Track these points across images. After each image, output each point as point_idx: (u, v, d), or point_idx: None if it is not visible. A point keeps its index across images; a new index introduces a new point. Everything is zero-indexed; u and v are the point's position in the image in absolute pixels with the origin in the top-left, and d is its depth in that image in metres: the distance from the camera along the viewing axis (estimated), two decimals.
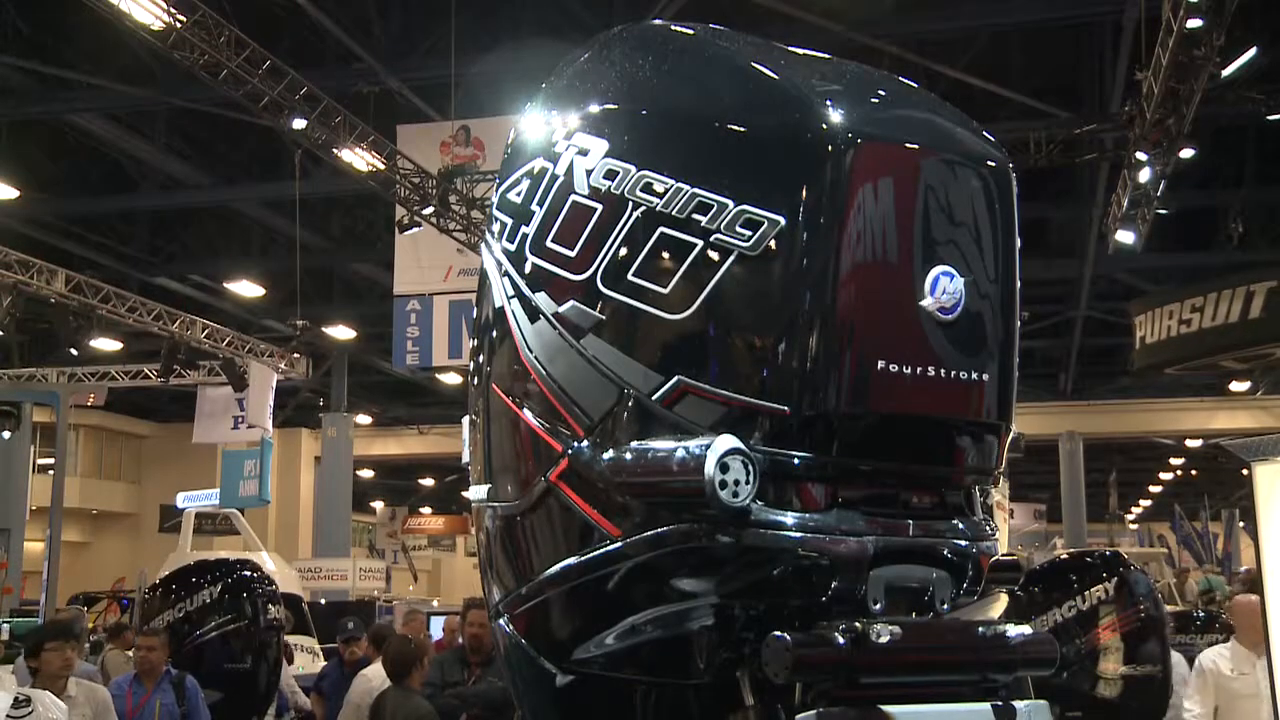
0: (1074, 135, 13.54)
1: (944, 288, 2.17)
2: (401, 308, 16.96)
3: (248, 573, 10.11)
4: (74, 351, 18.38)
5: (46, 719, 5.42)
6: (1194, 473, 36.16)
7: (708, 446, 2.02)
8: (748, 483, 2.01)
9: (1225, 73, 11.06)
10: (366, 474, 35.42)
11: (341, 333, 22.61)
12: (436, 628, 14.48)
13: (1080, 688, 7.58)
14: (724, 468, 2.00)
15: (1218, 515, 31.08)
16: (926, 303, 2.16)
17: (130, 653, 11.31)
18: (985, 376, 2.24)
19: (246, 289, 19.97)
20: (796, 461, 2.11)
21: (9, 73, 14.46)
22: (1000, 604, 5.27)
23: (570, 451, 2.23)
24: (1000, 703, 2.13)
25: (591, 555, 2.19)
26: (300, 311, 19.14)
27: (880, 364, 2.12)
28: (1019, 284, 2.34)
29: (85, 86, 14.44)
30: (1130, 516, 42.59)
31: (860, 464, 2.16)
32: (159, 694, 8.66)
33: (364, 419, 29.55)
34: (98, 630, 13.88)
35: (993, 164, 2.30)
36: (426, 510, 42.62)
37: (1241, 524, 26.32)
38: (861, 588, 2.10)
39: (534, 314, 2.34)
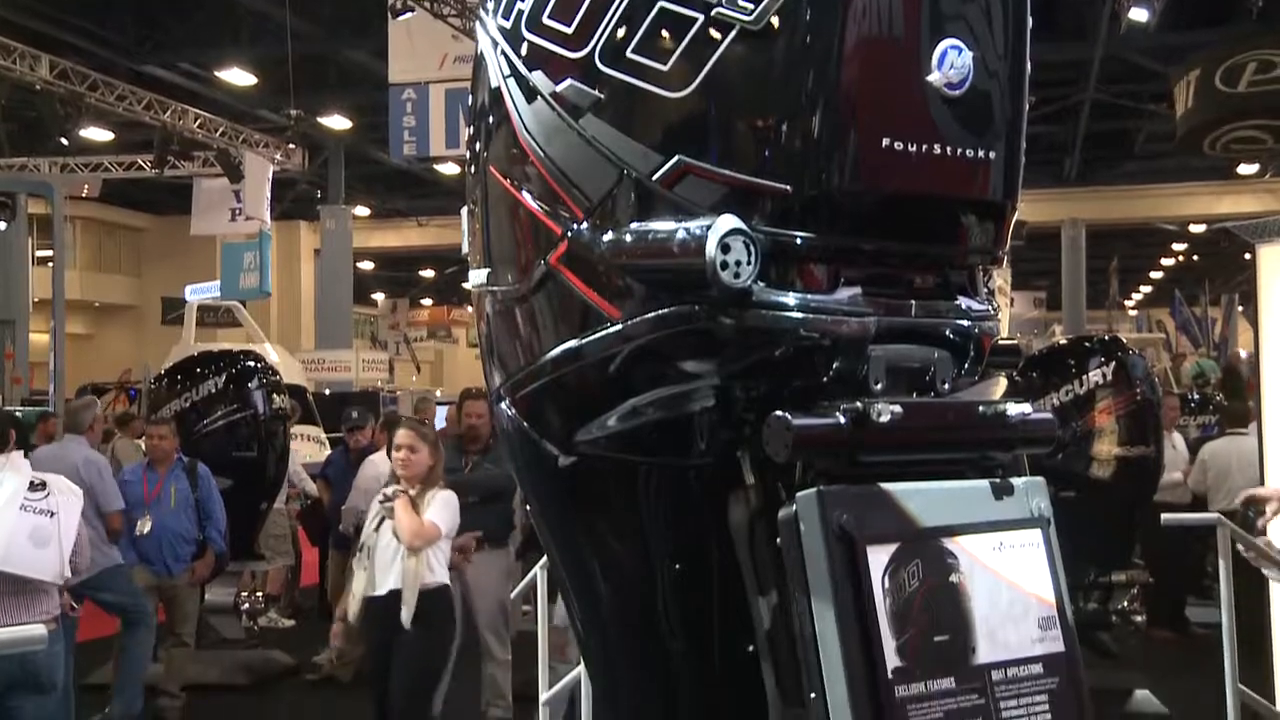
0: None
1: (952, 62, 2.11)
2: (397, 96, 16.69)
3: (251, 363, 10.21)
4: (64, 141, 18.14)
5: (61, 502, 5.54)
6: (1196, 258, 36.16)
7: (708, 227, 1.99)
8: (749, 263, 1.99)
9: None
10: (366, 266, 35.44)
11: (337, 123, 22.28)
12: (439, 419, 14.69)
13: (1075, 469, 7.75)
14: (725, 248, 1.97)
15: (1217, 300, 31.20)
16: (934, 77, 2.10)
17: (138, 441, 11.50)
18: (992, 155, 2.20)
19: (238, 77, 19.58)
20: (798, 241, 2.08)
21: None
22: (1000, 387, 5.32)
23: (570, 234, 2.20)
24: (998, 480, 2.16)
25: (592, 338, 2.18)
26: (294, 101, 18.80)
27: (885, 141, 2.07)
28: (1029, 63, 2.27)
29: None
30: (1130, 303, 42.78)
31: (863, 243, 2.14)
32: (172, 480, 8.84)
33: (362, 211, 29.40)
34: (107, 420, 14.08)
35: None
36: (427, 302, 42.82)
37: (1240, 309, 26.44)
38: (863, 368, 2.10)
39: (531, 94, 2.27)
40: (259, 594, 9.85)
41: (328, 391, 20.98)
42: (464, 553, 7.29)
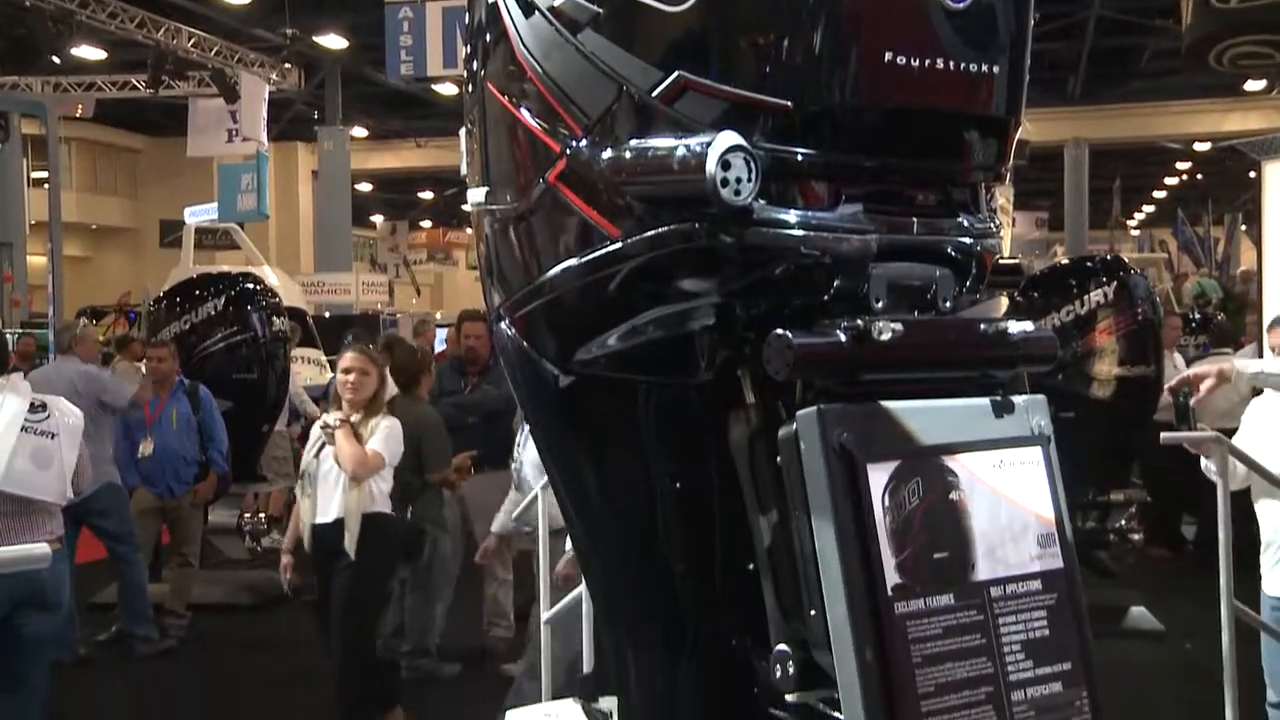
0: None
1: None
2: (393, 15, 16.50)
3: (250, 285, 10.19)
4: (56, 60, 17.92)
5: (62, 423, 5.55)
6: (1200, 177, 35.93)
7: (709, 144, 1.97)
8: (750, 180, 1.97)
9: None
10: (364, 188, 35.25)
11: (333, 42, 22.01)
12: (438, 341, 14.68)
13: (1075, 390, 7.76)
14: (725, 165, 1.95)
15: (1220, 220, 31.08)
16: None
17: (138, 364, 11.52)
18: (995, 69, 2.17)
19: None
20: (799, 158, 2.06)
21: None
22: (1001, 307, 5.32)
23: (568, 151, 2.18)
24: (999, 398, 2.15)
25: (591, 256, 2.16)
26: (290, 20, 18.56)
27: (887, 55, 2.03)
28: None
29: None
30: (1132, 223, 42.62)
31: (864, 160, 2.11)
32: (174, 402, 8.88)
33: (360, 132, 29.16)
34: (108, 343, 14.09)
35: None
36: (427, 224, 42.64)
37: (1243, 227, 26.34)
38: (864, 286, 2.08)
39: (528, 8, 2.23)
40: (261, 515, 9.92)
41: (327, 314, 20.96)
42: (462, 473, 7.34)
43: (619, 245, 2.12)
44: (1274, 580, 5.00)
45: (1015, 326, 2.19)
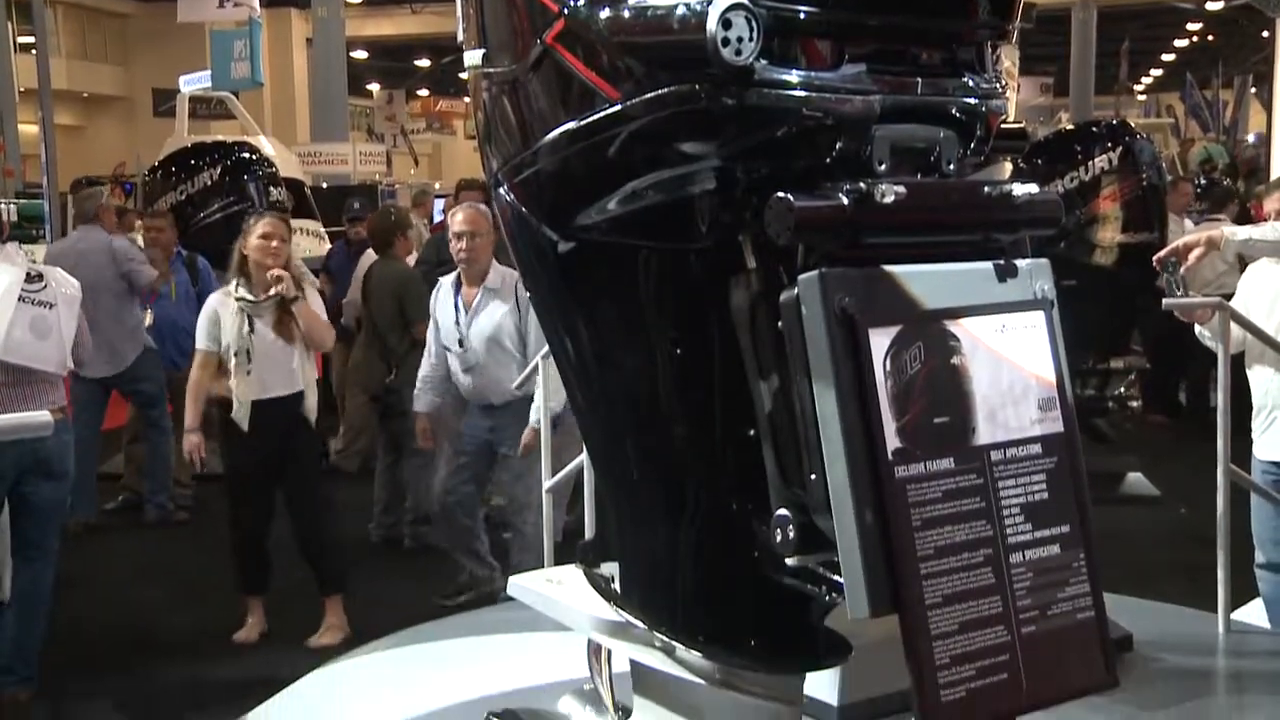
0: None
1: None
2: None
3: (247, 155, 10.10)
4: None
5: (60, 293, 5.55)
6: (1211, 39, 35.30)
7: (709, 1, 1.91)
8: (751, 40, 1.92)
9: None
10: (360, 55, 34.70)
11: None
12: (436, 211, 14.58)
13: (1077, 258, 7.73)
14: (726, 24, 1.90)
15: (1230, 83, 30.63)
16: None
17: (133, 235, 11.47)
18: None
19: None
20: (802, 15, 2.00)
21: None
22: (1004, 173, 5.26)
23: (566, 11, 2.12)
24: (1002, 261, 2.13)
25: (590, 119, 2.12)
26: None
27: None
28: None
29: None
30: (1139, 87, 42.02)
31: (867, 18, 2.06)
32: (172, 273, 8.86)
33: None
34: None
35: None
36: (424, 93, 42.10)
37: (1253, 89, 25.97)
38: (866, 148, 2.05)
39: None
40: None
41: (325, 185, 20.79)
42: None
43: (618, 108, 2.08)
44: (1265, 445, 5.05)
45: (1019, 189, 2.16)
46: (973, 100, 2.17)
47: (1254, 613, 5.17)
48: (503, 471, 6.46)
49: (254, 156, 10.14)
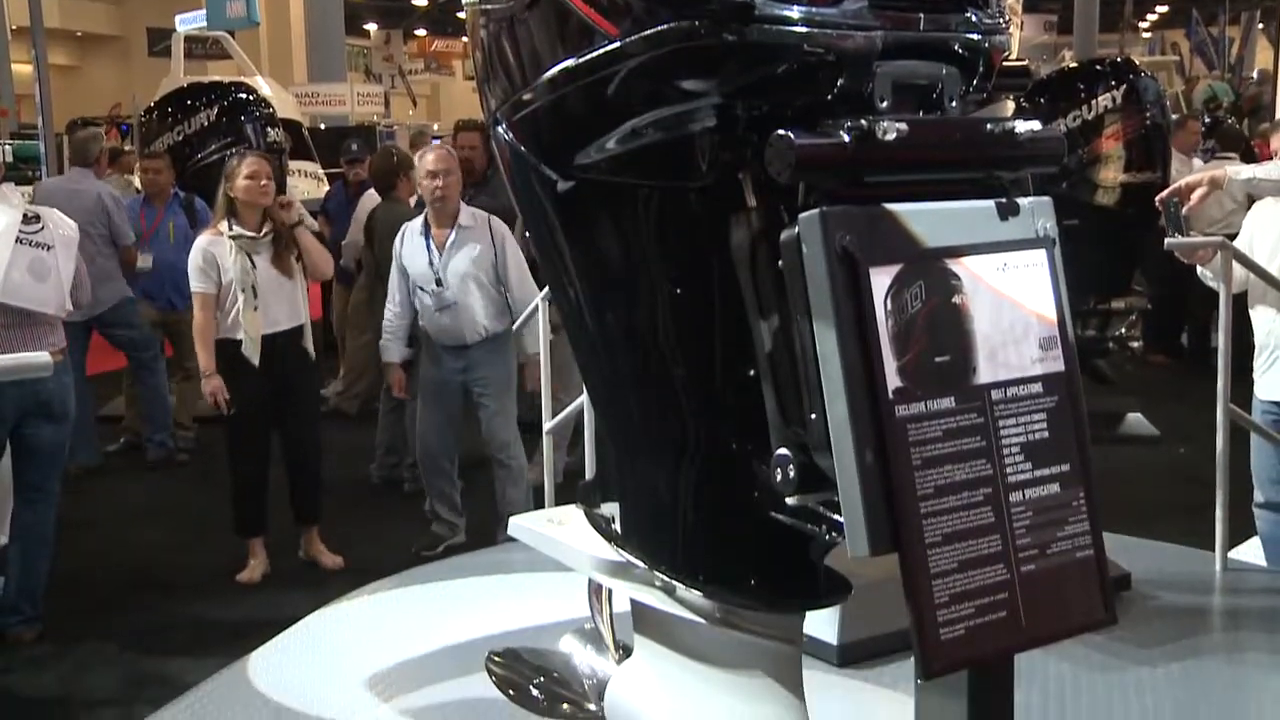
0: None
1: None
2: None
3: (244, 95, 10.02)
4: None
5: (57, 235, 5.52)
6: None
7: None
8: None
9: None
10: None
11: None
12: None
13: (1080, 197, 7.68)
14: None
15: (1237, 19, 30.32)
16: None
17: (129, 176, 11.41)
18: None
19: None
20: None
21: None
22: (1007, 112, 5.21)
23: None
24: (1004, 200, 2.11)
25: (589, 56, 2.09)
26: None
27: None
28: None
29: None
30: (1143, 25, 41.61)
31: None
32: (170, 215, 8.85)
33: None
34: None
35: None
36: (421, 33, 41.72)
37: (1260, 25, 25.71)
38: (868, 85, 2.02)
39: None
40: None
41: (323, 126, 20.67)
42: None
43: (617, 44, 2.05)
44: (1266, 385, 5.05)
45: (1022, 126, 2.14)
46: (975, 36, 2.14)
47: (1251, 551, 5.20)
48: (479, 410, 6.56)
49: (251, 97, 10.06)
